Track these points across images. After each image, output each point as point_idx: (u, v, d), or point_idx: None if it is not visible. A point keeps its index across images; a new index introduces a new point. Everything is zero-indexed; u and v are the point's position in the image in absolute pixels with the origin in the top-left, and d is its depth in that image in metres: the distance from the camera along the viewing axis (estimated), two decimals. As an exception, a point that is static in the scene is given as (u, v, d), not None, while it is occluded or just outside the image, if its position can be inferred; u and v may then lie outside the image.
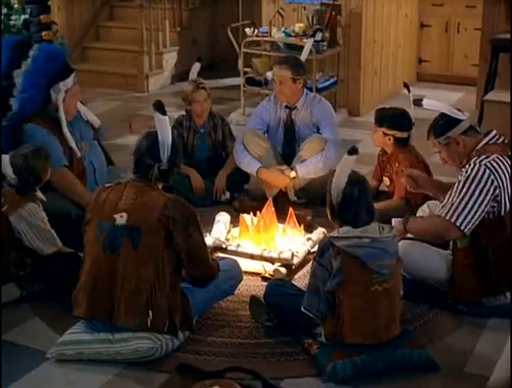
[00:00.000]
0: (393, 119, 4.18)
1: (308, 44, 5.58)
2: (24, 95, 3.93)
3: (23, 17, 7.90)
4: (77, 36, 8.35)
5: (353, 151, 3.01)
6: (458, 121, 3.41)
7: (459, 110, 3.47)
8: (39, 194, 3.58)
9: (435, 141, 3.48)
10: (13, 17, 7.92)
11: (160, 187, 3.16)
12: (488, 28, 6.57)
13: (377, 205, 3.30)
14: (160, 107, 3.09)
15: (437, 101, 3.60)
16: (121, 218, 3.02)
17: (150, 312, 2.98)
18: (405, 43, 7.64)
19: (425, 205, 3.94)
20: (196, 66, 4.95)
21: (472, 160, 3.31)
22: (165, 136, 3.10)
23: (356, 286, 2.91)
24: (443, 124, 3.44)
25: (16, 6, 7.99)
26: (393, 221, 3.72)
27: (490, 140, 3.39)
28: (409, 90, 4.17)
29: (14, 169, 3.49)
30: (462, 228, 3.26)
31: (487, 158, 3.29)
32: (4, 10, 7.70)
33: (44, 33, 7.56)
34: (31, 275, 3.50)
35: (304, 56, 5.15)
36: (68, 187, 3.96)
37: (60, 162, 3.94)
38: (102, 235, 3.03)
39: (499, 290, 3.35)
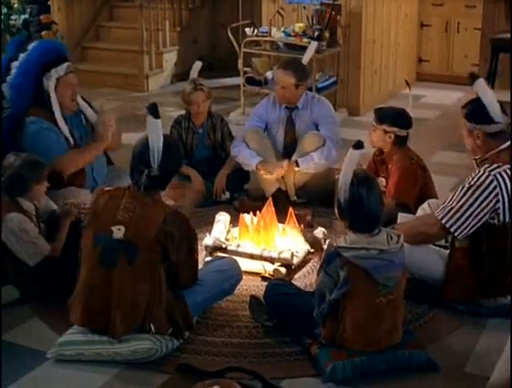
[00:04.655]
0: (394, 116, 4.17)
1: (311, 46, 5.50)
2: (14, 81, 3.98)
3: (23, 17, 7.92)
4: (77, 36, 8.36)
5: (358, 145, 2.94)
6: (491, 121, 3.32)
7: (503, 111, 3.35)
8: (27, 204, 3.49)
9: (464, 122, 3.39)
10: (13, 17, 7.93)
11: (162, 195, 3.10)
12: (488, 28, 6.58)
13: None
14: (153, 110, 2.99)
15: (489, 90, 3.45)
16: (119, 231, 2.98)
17: (151, 324, 2.98)
18: (405, 42, 7.64)
19: (425, 204, 3.93)
20: (197, 65, 4.95)
21: (483, 167, 3.27)
22: (155, 140, 2.99)
23: (361, 297, 2.89)
24: (477, 115, 3.34)
25: (16, 6, 7.99)
26: (399, 216, 3.70)
27: (507, 147, 3.31)
28: (409, 88, 4.16)
29: (4, 169, 3.46)
30: (456, 234, 3.28)
31: (498, 167, 3.24)
32: (4, 10, 7.71)
33: (43, 33, 7.56)
34: (28, 280, 3.48)
35: (306, 59, 5.09)
36: (75, 165, 4.01)
37: (64, 151, 3.98)
38: (98, 247, 3.00)
39: (495, 293, 3.34)
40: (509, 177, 3.24)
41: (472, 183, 3.26)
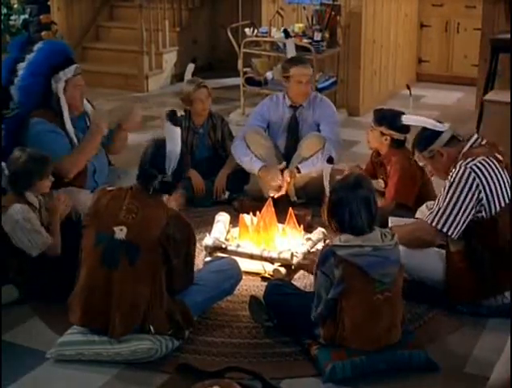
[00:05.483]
0: (393, 119, 4.16)
1: (289, 42, 5.65)
2: (22, 83, 3.97)
3: (22, 17, 7.92)
4: (77, 36, 8.36)
5: (329, 160, 3.31)
6: (439, 133, 3.46)
7: (439, 121, 3.52)
8: (31, 197, 3.51)
9: (420, 155, 3.54)
10: (13, 17, 7.94)
11: (164, 198, 3.10)
12: (488, 28, 6.57)
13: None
14: (172, 117, 3.03)
15: (415, 116, 3.68)
16: (121, 232, 2.98)
17: (150, 326, 2.99)
18: (405, 43, 7.65)
19: (423, 206, 3.93)
20: (190, 67, 4.98)
21: (458, 163, 3.32)
22: (174, 147, 3.01)
23: (358, 295, 2.90)
24: (425, 138, 3.50)
25: (16, 6, 8.00)
26: (390, 220, 3.71)
27: (474, 143, 3.42)
28: (410, 93, 4.17)
29: (10, 163, 3.48)
30: (449, 234, 3.30)
31: (473, 160, 3.30)
32: (4, 11, 7.70)
33: (43, 33, 7.55)
34: (29, 279, 3.48)
35: (292, 54, 5.26)
36: (77, 165, 3.99)
37: (68, 152, 3.97)
38: (99, 246, 3.01)
39: (497, 291, 3.35)
40: (485, 166, 3.28)
41: (452, 180, 3.31)
